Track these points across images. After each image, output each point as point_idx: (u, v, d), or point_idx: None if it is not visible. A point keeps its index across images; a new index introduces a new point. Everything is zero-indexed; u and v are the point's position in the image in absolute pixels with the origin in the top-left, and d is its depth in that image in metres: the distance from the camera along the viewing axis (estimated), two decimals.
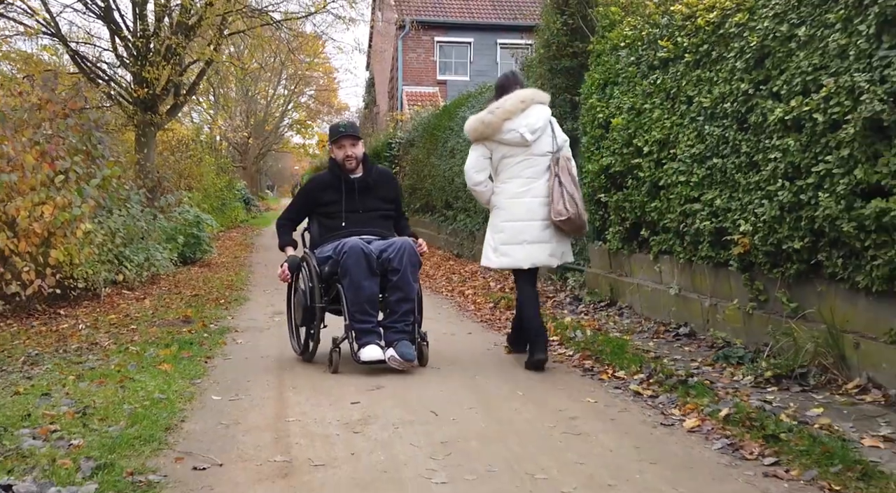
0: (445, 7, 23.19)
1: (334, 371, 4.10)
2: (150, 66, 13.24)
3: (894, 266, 3.20)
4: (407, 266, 4.20)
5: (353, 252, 4.13)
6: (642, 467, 2.69)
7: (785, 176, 3.82)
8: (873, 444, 2.76)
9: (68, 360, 4.62)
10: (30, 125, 7.42)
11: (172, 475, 2.64)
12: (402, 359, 4.02)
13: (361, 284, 4.10)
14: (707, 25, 4.54)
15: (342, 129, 4.55)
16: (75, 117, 7.97)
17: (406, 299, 4.19)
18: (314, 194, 4.58)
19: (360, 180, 4.50)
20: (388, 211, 4.61)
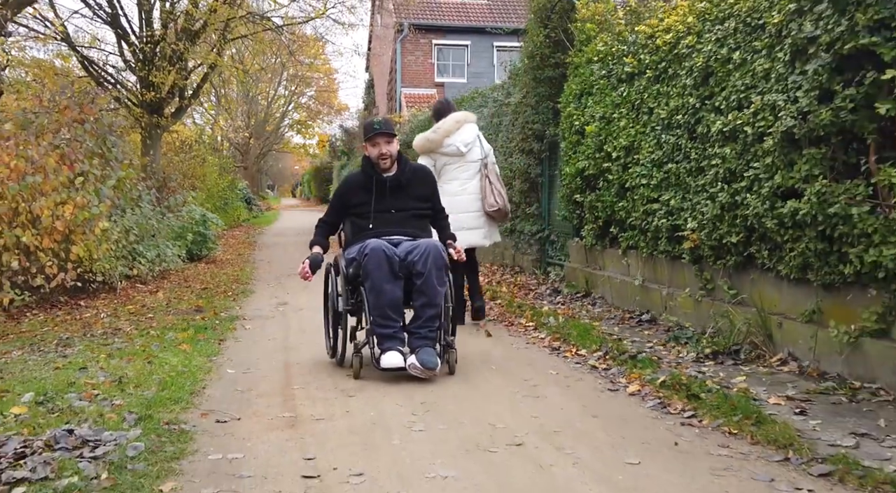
0: (443, 11, 23.81)
1: (356, 376, 4.00)
2: (156, 70, 13.88)
3: (806, 257, 3.82)
4: (432, 269, 4.04)
5: (374, 254, 4.02)
6: (585, 419, 3.31)
7: (723, 180, 4.44)
8: (777, 402, 3.37)
9: (97, 342, 5.24)
10: (49, 130, 8.03)
11: (200, 426, 3.26)
12: (423, 367, 3.87)
13: (383, 287, 3.99)
14: (664, 45, 5.16)
15: (377, 126, 4.40)
16: (91, 122, 8.59)
17: (430, 304, 4.04)
18: (346, 196, 4.48)
19: (391, 179, 4.36)
20: (422, 210, 4.47)
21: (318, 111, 39.98)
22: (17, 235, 6.66)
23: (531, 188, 8.16)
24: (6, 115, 8.28)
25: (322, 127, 40.03)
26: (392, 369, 3.91)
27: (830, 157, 3.61)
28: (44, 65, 12.82)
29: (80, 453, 2.86)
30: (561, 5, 7.35)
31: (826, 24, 3.49)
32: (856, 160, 3.51)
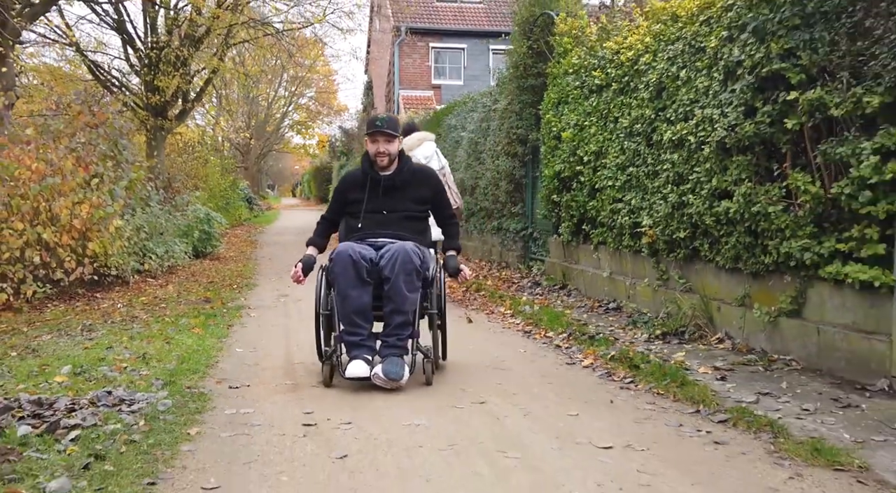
0: (440, 14, 24.45)
1: (326, 385, 3.92)
2: (161, 74, 14.52)
3: (737, 249, 4.45)
4: (399, 274, 3.86)
5: (339, 259, 3.93)
6: (541, 385, 3.95)
7: (673, 182, 5.07)
8: (705, 371, 4.01)
9: (117, 328, 5.87)
10: (65, 134, 8.68)
11: (215, 390, 3.90)
12: (387, 377, 3.75)
13: (348, 293, 3.88)
14: (627, 61, 5.80)
15: (379, 123, 4.23)
16: (104, 127, 9.23)
17: (398, 310, 3.89)
18: (345, 192, 4.35)
19: (386, 179, 4.20)
20: (417, 212, 4.26)
21: (318, 112, 40.62)
22: (38, 232, 7.27)
23: (516, 189, 8.80)
24: (26, 120, 8.93)
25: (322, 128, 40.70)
26: (356, 379, 3.80)
27: (754, 163, 4.24)
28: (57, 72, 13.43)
29: (119, 408, 3.49)
30: (542, 19, 7.98)
31: (749, 50, 4.13)
32: (774, 166, 4.14)
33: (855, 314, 3.71)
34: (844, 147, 3.53)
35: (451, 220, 4.42)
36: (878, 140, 3.38)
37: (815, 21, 3.75)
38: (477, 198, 10.09)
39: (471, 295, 7.34)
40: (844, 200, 3.58)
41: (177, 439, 3.07)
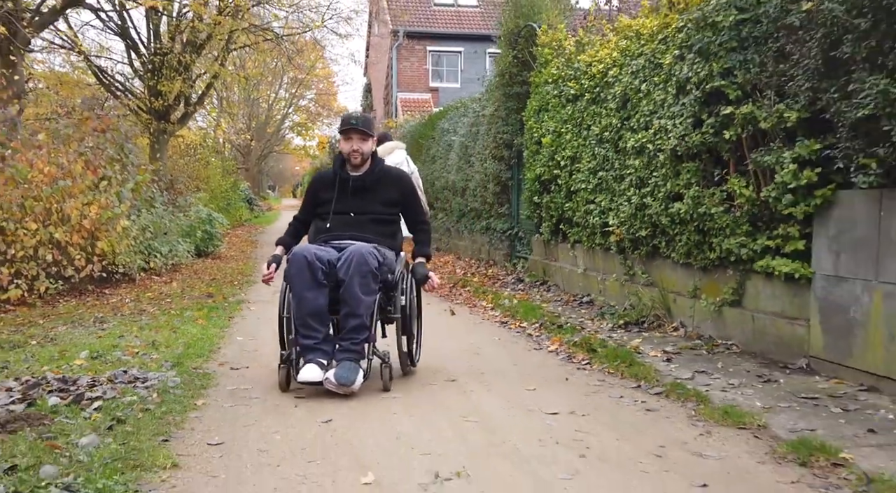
0: (437, 18, 24.99)
1: (282, 389, 3.91)
2: (164, 79, 15.07)
3: (689, 246, 4.97)
4: (354, 276, 3.80)
5: (295, 260, 3.89)
6: (507, 366, 4.47)
7: (635, 186, 5.59)
8: (654, 354, 4.52)
9: (127, 320, 6.40)
10: (74, 139, 9.20)
11: (219, 371, 4.42)
12: (338, 382, 3.69)
13: (303, 295, 3.83)
14: (598, 73, 6.31)
15: (353, 121, 4.19)
16: (111, 132, 9.76)
17: (352, 314, 3.82)
18: (314, 193, 4.35)
19: (356, 179, 4.18)
20: (386, 215, 4.23)
21: (319, 113, 41.18)
22: (50, 231, 7.77)
23: (502, 190, 9.32)
24: (37, 125, 9.46)
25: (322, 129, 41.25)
26: (309, 383, 3.76)
27: (702, 169, 4.76)
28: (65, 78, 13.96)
29: (134, 384, 4.01)
30: (526, 30, 8.50)
31: (696, 68, 4.64)
32: (717, 172, 4.66)
33: (782, 303, 4.22)
34: (770, 156, 4.05)
35: (421, 226, 4.36)
36: (796, 150, 3.89)
37: (748, 45, 4.26)
38: (467, 199, 10.61)
39: (457, 291, 7.86)
40: (772, 202, 4.09)
41: (185, 408, 3.59)
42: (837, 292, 3.78)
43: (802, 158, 3.88)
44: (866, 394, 3.49)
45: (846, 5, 3.40)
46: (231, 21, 15.03)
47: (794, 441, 2.85)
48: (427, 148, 13.27)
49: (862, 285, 3.62)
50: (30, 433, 3.12)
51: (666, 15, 5.19)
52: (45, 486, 2.52)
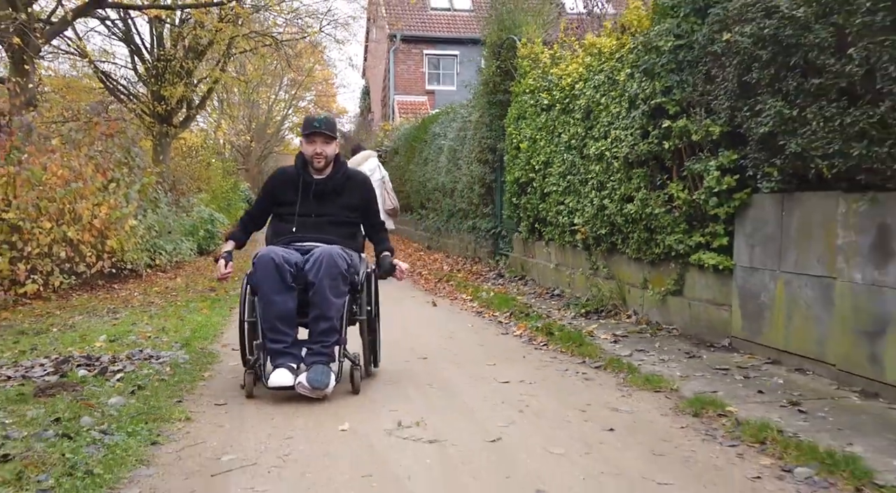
0: (434, 22, 25.66)
1: (248, 395, 3.83)
2: (166, 84, 15.75)
3: (639, 243, 5.63)
4: (324, 279, 3.79)
5: (262, 263, 3.86)
6: (475, 348, 5.14)
7: (596, 189, 6.25)
8: (605, 337, 5.18)
9: (138, 310, 7.07)
10: (84, 143, 9.87)
11: (222, 351, 5.09)
12: (311, 386, 3.67)
13: (272, 298, 3.81)
14: (567, 86, 6.97)
15: (317, 123, 4.17)
16: (118, 136, 10.43)
17: (323, 316, 3.82)
18: (275, 190, 4.29)
19: (319, 182, 4.16)
20: (348, 219, 4.24)
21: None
22: (63, 230, 8.42)
23: (487, 192, 9.98)
24: (50, 131, 10.13)
25: None
26: (280, 389, 3.74)
27: (649, 174, 5.42)
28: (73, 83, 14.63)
29: (149, 361, 4.68)
30: (507, 43, 9.16)
31: (643, 85, 5.30)
32: (660, 177, 5.32)
33: (712, 291, 4.89)
34: (699, 164, 4.71)
35: (379, 227, 4.42)
36: (719, 159, 4.56)
37: (684, 67, 4.92)
38: (455, 200, 11.28)
39: (442, 285, 8.53)
40: (702, 204, 4.75)
41: (194, 378, 4.26)
42: (752, 281, 4.44)
43: (724, 167, 4.54)
44: (769, 366, 4.16)
45: (752, 38, 4.06)
46: (232, 28, 15.70)
47: (693, 399, 3.52)
48: (420, 151, 13.94)
49: (769, 275, 4.28)
50: (66, 396, 3.78)
51: (618, 38, 5.85)
52: (87, 431, 3.19)
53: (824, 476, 2.59)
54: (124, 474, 2.74)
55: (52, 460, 2.81)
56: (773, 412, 3.30)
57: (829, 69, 3.54)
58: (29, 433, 3.16)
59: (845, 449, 2.76)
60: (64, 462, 2.79)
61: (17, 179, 8.34)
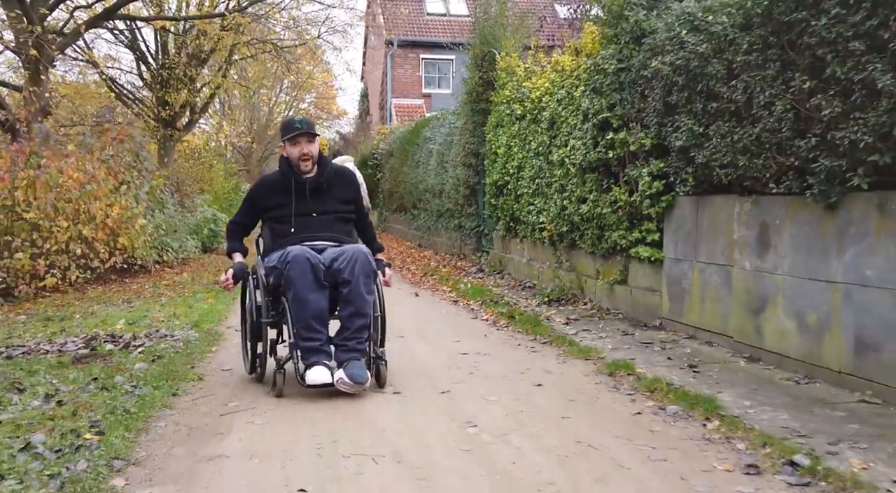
0: (430, 27, 26.52)
1: (278, 395, 3.87)
2: (171, 90, 16.61)
3: (592, 239, 6.46)
4: (359, 277, 3.90)
5: (296, 262, 3.86)
6: (445, 329, 5.98)
7: (559, 191, 7.09)
8: (560, 321, 6.01)
9: (149, 300, 7.91)
10: (97, 148, 10.71)
11: (226, 332, 5.93)
12: (353, 382, 3.76)
13: (307, 297, 3.84)
14: (536, 98, 7.81)
15: (298, 125, 4.23)
16: (128, 141, 11.29)
17: (359, 314, 3.91)
18: (261, 199, 4.31)
19: (312, 181, 4.19)
20: (345, 213, 4.32)
21: (318, 116, 42.75)
22: (79, 229, 9.25)
23: (471, 193, 10.82)
24: (65, 137, 10.99)
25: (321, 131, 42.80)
26: (318, 386, 3.78)
27: (598, 179, 6.26)
28: (83, 90, 15.48)
29: (165, 339, 5.52)
30: (489, 55, 10.00)
31: (592, 102, 6.14)
32: (606, 182, 6.16)
33: (649, 280, 5.73)
34: (635, 171, 5.55)
35: (369, 222, 4.62)
36: (650, 167, 5.40)
37: (625, 87, 5.76)
38: (443, 200, 12.12)
39: (426, 279, 9.37)
40: (639, 204, 5.59)
41: (203, 351, 5.11)
42: (676, 270, 5.28)
43: (654, 173, 5.38)
44: (686, 340, 5.00)
45: (671, 67, 4.89)
46: (233, 35, 16.53)
47: (611, 363, 4.36)
48: (412, 154, 14.78)
49: (688, 264, 5.12)
50: (98, 363, 4.63)
51: (573, 59, 6.69)
52: (120, 386, 4.03)
53: (687, 411, 3.43)
54: (153, 413, 3.58)
55: (97, 404, 3.65)
56: (673, 372, 4.14)
57: (722, 96, 4.37)
58: (74, 387, 4.01)
59: (713, 396, 3.59)
60: (106, 406, 3.63)
61: (37, 181, 9.17)
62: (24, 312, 7.34)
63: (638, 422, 3.37)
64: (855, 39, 3.32)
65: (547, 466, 2.83)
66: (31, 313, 7.21)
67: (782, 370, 4.10)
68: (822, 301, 3.83)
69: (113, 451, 2.98)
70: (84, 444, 3.05)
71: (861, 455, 2.76)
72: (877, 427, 3.10)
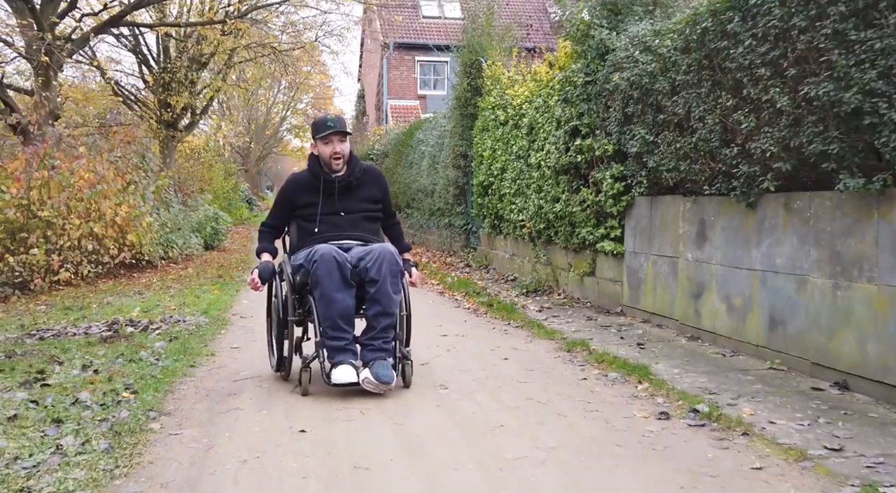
0: (425, 30, 27.21)
1: (304, 393, 3.90)
2: (172, 93, 17.27)
3: (566, 235, 7.15)
4: (386, 276, 3.90)
5: (324, 261, 3.87)
6: (432, 316, 6.66)
7: (536, 191, 7.78)
8: (534, 308, 6.69)
9: (159, 292, 8.58)
10: (105, 150, 11.38)
11: (232, 318, 6.61)
12: (378, 381, 3.77)
13: (334, 296, 3.84)
14: (517, 106, 8.50)
15: (331, 123, 4.20)
16: (135, 143, 11.96)
17: (385, 313, 3.91)
18: (291, 197, 4.30)
19: (341, 179, 4.19)
20: (373, 212, 4.31)
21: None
22: (90, 226, 9.92)
23: (460, 193, 11.51)
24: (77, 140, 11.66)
25: None
26: (344, 385, 3.81)
27: (570, 181, 6.94)
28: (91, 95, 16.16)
29: (178, 323, 6.20)
30: (476, 63, 10.69)
31: (564, 111, 6.83)
32: (576, 184, 6.85)
33: (613, 271, 6.42)
34: (600, 174, 6.24)
35: (396, 220, 4.59)
36: (612, 171, 6.08)
37: (591, 98, 6.44)
38: (435, 200, 12.80)
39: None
40: (603, 204, 6.28)
41: (214, 333, 5.79)
42: (634, 262, 5.97)
43: (615, 176, 6.06)
44: (641, 324, 5.69)
45: (628, 82, 5.58)
46: (233, 40, 17.19)
47: (570, 342, 5.05)
48: (406, 155, 15.46)
49: (644, 257, 5.81)
50: (122, 343, 5.31)
51: (547, 72, 7.38)
52: (145, 359, 4.71)
53: (624, 377, 4.12)
54: (176, 380, 4.26)
55: (127, 373, 4.34)
56: (622, 349, 4.83)
57: (667, 109, 5.06)
58: (105, 360, 4.69)
59: (649, 365, 4.28)
60: (136, 374, 4.31)
61: (51, 182, 9.83)
62: (42, 303, 8.01)
63: (582, 385, 4.06)
64: (762, 66, 4.01)
65: (501, 414, 3.52)
66: (49, 304, 7.87)
67: (715, 347, 4.80)
68: (745, 286, 4.52)
69: (147, 405, 3.66)
70: (122, 400, 3.73)
71: (752, 406, 3.45)
72: (774, 387, 3.80)
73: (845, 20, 3.40)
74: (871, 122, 3.30)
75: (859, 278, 3.61)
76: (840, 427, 3.15)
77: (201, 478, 2.76)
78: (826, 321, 3.84)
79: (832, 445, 2.92)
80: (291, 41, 19.81)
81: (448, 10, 27.74)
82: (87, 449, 2.99)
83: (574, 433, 3.22)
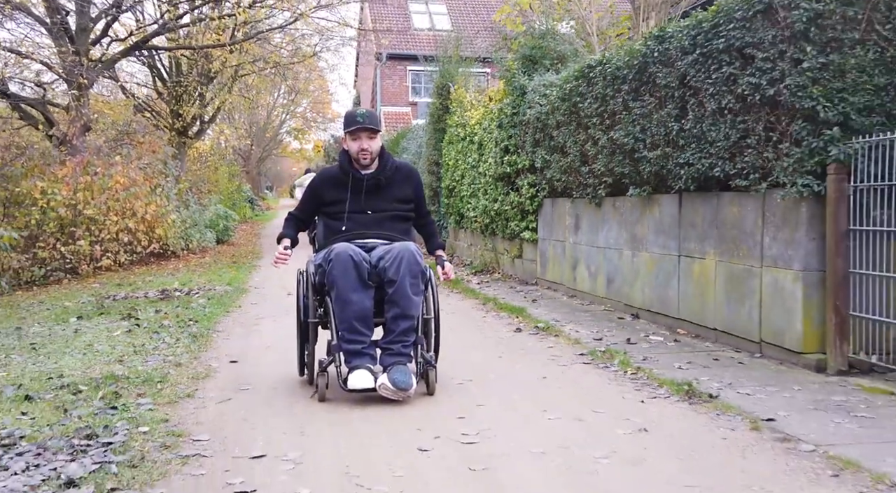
0: (416, 41, 29.61)
1: (321, 399, 3.78)
2: (183, 104, 19.63)
3: (503, 227, 9.52)
4: (405, 276, 3.76)
5: (339, 260, 3.76)
6: None
7: (483, 194, 10.15)
8: (476, 282, 9.05)
9: (187, 273, 10.95)
10: (134, 157, 13.75)
11: (248, 288, 8.97)
12: (395, 387, 3.63)
13: (349, 297, 3.73)
14: (472, 126, 10.87)
15: (360, 118, 4.06)
16: (159, 152, 14.35)
17: (404, 315, 3.77)
18: (320, 190, 4.21)
19: (370, 177, 4.09)
20: (402, 212, 4.18)
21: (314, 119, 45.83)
22: (126, 222, 12.29)
23: (434, 195, 13.87)
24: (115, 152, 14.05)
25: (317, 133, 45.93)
26: (360, 391, 3.70)
27: (504, 186, 9.32)
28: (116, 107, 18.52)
29: (210, 290, 8.56)
30: (446, 87, 13.06)
31: (499, 133, 9.20)
32: (507, 188, 9.21)
33: (532, 254, 8.79)
34: (521, 181, 8.62)
35: (430, 218, 4.49)
36: (529, 180, 8.46)
37: (517, 125, 8.80)
38: None
39: None
40: (524, 204, 8.64)
41: (234, 299, 8.16)
42: (544, 245, 8.35)
43: (531, 183, 8.44)
44: (546, 290, 8.07)
45: (535, 117, 7.95)
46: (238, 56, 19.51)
47: (486, 299, 7.41)
48: None
49: (549, 242, 8.19)
50: (175, 301, 7.68)
51: (488, 104, 9.77)
52: (194, 307, 7.09)
53: (509, 315, 6.50)
54: (218, 319, 6.63)
55: (178, 314, 6.71)
56: (529, 305, 7.15)
57: (555, 138, 7.44)
58: (167, 309, 7.06)
59: (527, 308, 6.63)
60: (187, 315, 6.68)
61: (93, 185, 12.18)
62: (92, 284, 10.38)
63: (482, 319, 6.45)
64: (595, 116, 6.39)
65: None
66: (100, 283, 10.25)
67: (581, 300, 7.19)
68: (596, 258, 6.90)
69: (206, 327, 6.05)
70: (191, 324, 6.12)
71: (573, 326, 5.82)
72: (596, 318, 6.19)
73: (628, 95, 5.78)
74: (638, 156, 5.68)
75: (642, 250, 6.00)
76: (614, 334, 5.52)
77: (247, 354, 5.14)
78: (628, 277, 6.23)
79: (602, 338, 5.30)
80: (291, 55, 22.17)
81: (438, 22, 30.13)
82: (180, 343, 5.38)
83: (460, 338, 5.60)
